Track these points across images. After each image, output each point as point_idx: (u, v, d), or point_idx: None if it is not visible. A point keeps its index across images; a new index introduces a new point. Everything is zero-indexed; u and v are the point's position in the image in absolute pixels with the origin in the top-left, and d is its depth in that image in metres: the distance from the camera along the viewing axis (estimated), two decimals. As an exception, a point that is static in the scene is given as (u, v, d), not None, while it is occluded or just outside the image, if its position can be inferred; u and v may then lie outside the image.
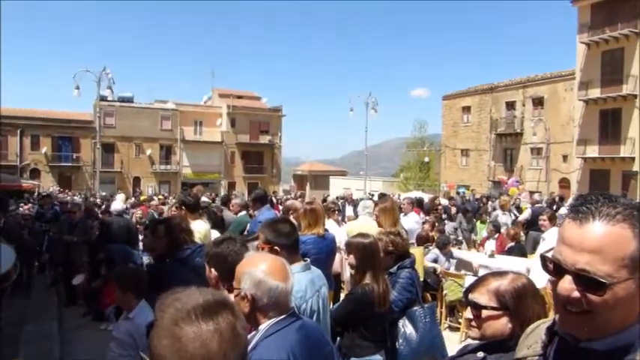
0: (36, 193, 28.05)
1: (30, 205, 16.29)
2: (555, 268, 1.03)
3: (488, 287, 1.63)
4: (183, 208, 5.14)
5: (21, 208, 13.77)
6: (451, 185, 36.47)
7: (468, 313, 1.70)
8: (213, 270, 2.31)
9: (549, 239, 6.38)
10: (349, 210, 11.99)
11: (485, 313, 1.62)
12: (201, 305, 1.14)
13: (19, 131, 39.58)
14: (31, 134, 40.50)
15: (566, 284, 0.99)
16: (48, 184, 38.31)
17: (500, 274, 1.70)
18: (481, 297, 1.63)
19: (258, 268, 1.75)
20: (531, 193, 19.76)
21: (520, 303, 1.60)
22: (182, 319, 1.11)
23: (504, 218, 10.79)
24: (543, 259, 1.06)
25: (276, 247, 2.68)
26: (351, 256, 3.23)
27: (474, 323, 1.66)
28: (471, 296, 1.67)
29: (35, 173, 39.94)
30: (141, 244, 7.63)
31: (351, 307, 3.18)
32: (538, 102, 32.73)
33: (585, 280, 0.96)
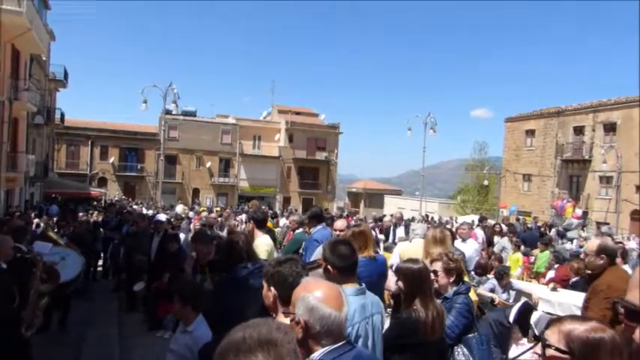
0: (102, 201, 29.65)
1: (97, 212, 17.23)
2: (629, 314, 0.96)
3: (561, 327, 1.55)
4: (252, 222, 5.28)
5: (90, 216, 14.55)
6: (503, 205, 35.10)
7: (538, 349, 1.63)
8: (272, 289, 2.28)
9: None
10: (400, 231, 11.79)
11: (549, 352, 1.54)
12: None
13: (90, 142, 42.13)
14: (100, 145, 42.90)
15: None
16: (114, 192, 40.37)
17: (583, 319, 1.60)
18: (552, 335, 1.55)
19: (313, 294, 1.74)
20: (598, 224, 18.69)
21: (590, 355, 1.49)
22: None
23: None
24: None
25: (329, 267, 2.70)
26: (400, 282, 3.17)
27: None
28: (545, 333, 1.60)
29: (103, 182, 42.20)
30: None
31: (394, 332, 3.09)
32: (610, 128, 31.03)
33: None
